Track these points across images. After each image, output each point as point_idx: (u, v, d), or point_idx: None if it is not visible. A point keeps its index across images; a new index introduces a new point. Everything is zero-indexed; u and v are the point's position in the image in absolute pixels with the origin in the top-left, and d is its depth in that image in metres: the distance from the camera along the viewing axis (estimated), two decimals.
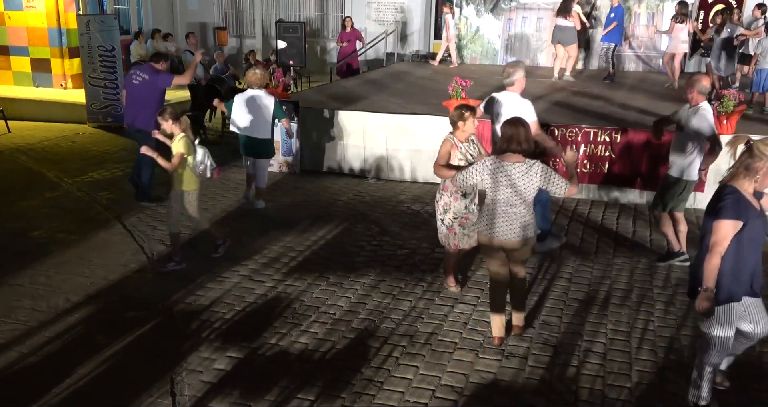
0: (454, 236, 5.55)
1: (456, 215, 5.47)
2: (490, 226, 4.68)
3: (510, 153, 4.54)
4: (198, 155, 6.06)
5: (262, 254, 6.48)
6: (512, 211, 4.59)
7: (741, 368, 4.64)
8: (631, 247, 6.87)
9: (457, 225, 5.50)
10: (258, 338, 4.92)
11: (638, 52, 14.78)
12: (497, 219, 4.63)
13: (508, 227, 4.62)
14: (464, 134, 5.38)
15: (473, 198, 5.50)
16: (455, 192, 5.40)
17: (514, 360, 4.70)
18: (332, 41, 18.52)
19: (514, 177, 4.51)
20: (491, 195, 4.61)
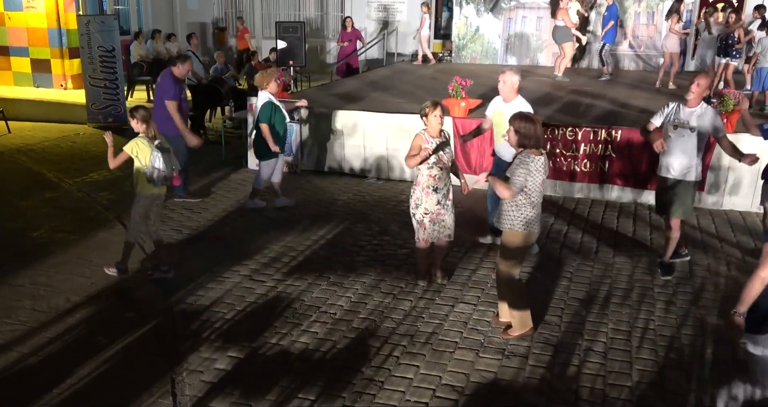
0: (423, 231, 5.64)
1: (427, 211, 5.56)
2: (537, 221, 4.80)
3: (529, 149, 4.66)
4: (153, 159, 5.56)
5: (263, 254, 6.48)
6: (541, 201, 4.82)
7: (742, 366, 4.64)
8: (631, 246, 6.87)
9: (427, 220, 5.59)
10: (258, 338, 4.92)
11: (638, 51, 14.78)
12: (538, 213, 4.80)
13: (541, 218, 4.90)
14: (432, 129, 5.48)
15: (446, 194, 5.59)
16: (426, 187, 5.50)
17: (515, 359, 4.70)
18: (332, 41, 18.53)
19: (545, 168, 4.73)
20: (539, 189, 4.69)
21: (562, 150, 8.47)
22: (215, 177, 9.15)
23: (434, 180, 5.49)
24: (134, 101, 14.30)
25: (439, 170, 5.48)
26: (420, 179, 5.53)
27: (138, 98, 14.19)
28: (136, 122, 5.62)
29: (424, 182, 5.49)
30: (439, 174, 5.49)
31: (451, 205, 5.65)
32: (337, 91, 11.25)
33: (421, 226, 5.64)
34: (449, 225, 5.70)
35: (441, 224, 5.63)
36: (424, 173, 5.49)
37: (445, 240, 5.76)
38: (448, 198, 5.61)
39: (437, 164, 5.45)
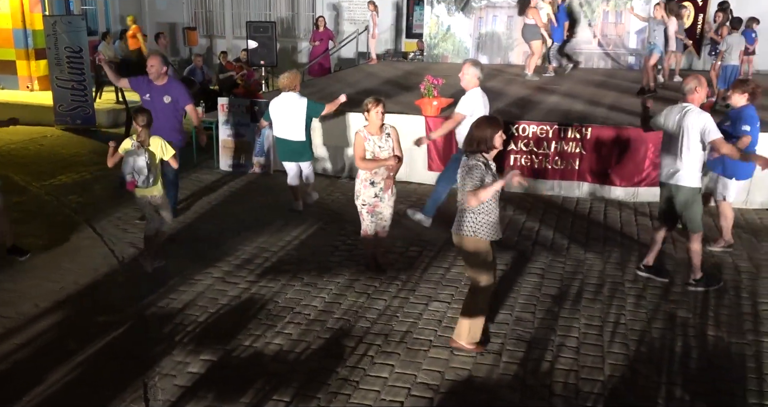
0: (363, 222, 5.91)
1: (365, 202, 5.82)
2: (496, 226, 4.65)
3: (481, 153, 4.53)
4: (129, 161, 5.65)
5: (235, 256, 6.43)
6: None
7: (711, 359, 4.73)
8: (602, 242, 6.95)
9: (365, 212, 5.83)
10: (232, 340, 4.88)
11: (607, 49, 14.95)
12: (498, 218, 4.67)
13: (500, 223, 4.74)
14: (372, 125, 5.62)
15: (385, 188, 5.78)
16: (364, 180, 5.75)
17: (489, 356, 4.73)
18: (304, 41, 18.47)
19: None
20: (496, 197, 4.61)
21: (534, 148, 8.54)
22: (186, 179, 9.06)
23: (371, 174, 5.74)
24: (103, 102, 14.11)
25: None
26: (359, 172, 5.81)
27: (107, 99, 14.00)
28: (136, 126, 5.75)
29: (363, 175, 5.78)
30: (377, 169, 5.72)
31: (389, 198, 5.85)
32: (309, 91, 11.15)
33: (360, 217, 5.93)
34: (387, 218, 5.96)
35: (379, 217, 5.91)
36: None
37: (382, 231, 6.03)
38: (385, 192, 5.82)
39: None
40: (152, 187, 5.82)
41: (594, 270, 6.23)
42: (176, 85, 7.15)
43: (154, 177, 5.76)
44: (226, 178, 9.19)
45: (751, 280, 6.03)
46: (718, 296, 5.70)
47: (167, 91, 6.91)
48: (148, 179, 5.71)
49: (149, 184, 5.75)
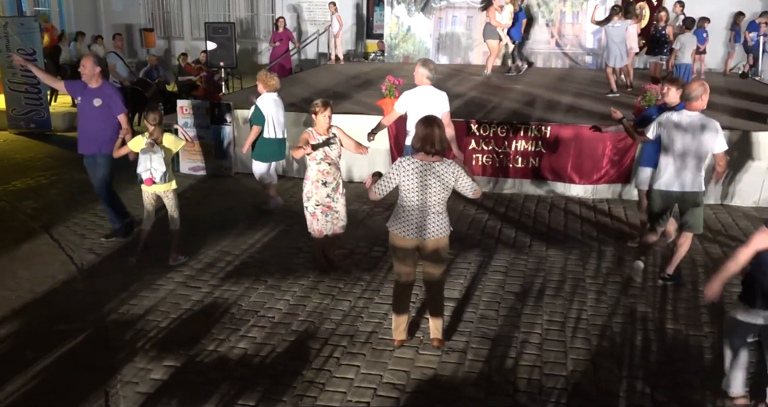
0: (317, 222, 5.93)
1: (318, 203, 5.87)
2: (410, 226, 4.53)
3: (424, 153, 4.45)
4: (144, 159, 6.02)
5: (198, 260, 6.36)
6: (437, 209, 4.53)
7: (670, 352, 4.84)
8: (563, 239, 7.05)
9: (319, 212, 5.90)
10: (195, 345, 4.82)
11: (564, 49, 15.19)
12: (421, 219, 4.52)
13: (431, 226, 4.55)
14: (320, 127, 5.77)
15: (336, 188, 5.88)
16: (316, 181, 5.81)
17: (454, 354, 4.76)
18: (264, 41, 18.36)
19: (436, 176, 4.44)
20: (412, 196, 4.48)
21: (495, 147, 8.63)
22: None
23: (323, 175, 5.81)
24: (58, 106, 13.83)
25: (327, 166, 5.80)
26: (309, 174, 5.85)
27: (62, 103, 13.71)
28: (147, 123, 6.07)
29: (314, 176, 5.81)
30: (328, 169, 5.81)
31: (341, 197, 5.97)
32: None
33: (313, 217, 5.92)
34: (342, 217, 6.03)
35: (333, 216, 5.97)
36: (313, 168, 5.81)
37: (340, 231, 6.08)
38: (338, 191, 5.93)
39: (324, 159, 5.78)
40: (169, 183, 6.14)
41: (556, 267, 6.32)
42: (110, 90, 6.74)
43: (169, 173, 6.11)
44: (187, 181, 9.07)
45: (707, 274, 6.18)
46: (676, 290, 5.84)
47: (99, 95, 6.53)
48: (165, 176, 6.05)
49: (166, 180, 6.08)
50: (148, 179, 6.04)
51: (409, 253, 4.66)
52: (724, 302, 5.60)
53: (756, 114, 9.50)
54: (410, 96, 6.65)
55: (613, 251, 6.71)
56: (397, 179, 4.49)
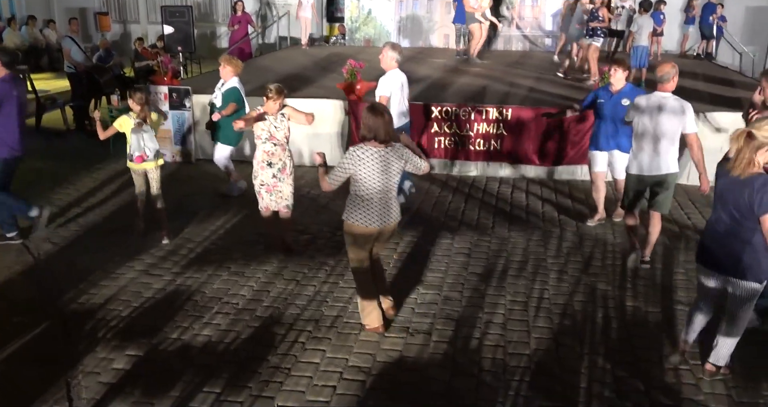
0: (262, 200, 6.05)
1: (263, 183, 5.97)
2: (372, 215, 4.53)
3: (375, 141, 4.44)
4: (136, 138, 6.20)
5: (159, 248, 6.27)
6: (391, 195, 4.57)
7: (630, 329, 4.94)
8: (525, 220, 7.13)
9: (264, 191, 6.01)
10: (158, 333, 4.76)
11: (524, 31, 15.27)
12: (382, 206, 4.54)
13: (391, 211, 4.61)
14: (269, 109, 5.83)
15: (282, 168, 5.92)
16: (261, 162, 5.89)
17: (419, 336, 4.79)
18: (222, 25, 18.06)
19: (390, 162, 4.46)
20: (370, 184, 4.45)
21: (457, 130, 8.66)
22: (103, 170, 8.75)
23: (268, 155, 5.87)
24: None
25: (273, 146, 5.86)
26: (256, 154, 5.94)
27: None
28: (133, 103, 6.14)
29: (260, 156, 5.90)
30: (273, 149, 5.87)
31: (288, 178, 6.01)
32: None
33: (259, 196, 6.04)
34: (287, 196, 6.06)
35: (278, 195, 6.02)
36: (259, 148, 5.90)
37: (285, 210, 6.11)
38: (284, 172, 5.97)
39: (270, 139, 5.85)
40: (157, 159, 6.35)
41: (518, 248, 6.39)
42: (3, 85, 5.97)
43: (158, 150, 6.34)
44: None
45: (664, 252, 6.31)
46: (635, 268, 5.95)
47: None
48: (157, 153, 6.31)
49: (156, 157, 6.32)
50: (139, 157, 6.21)
51: (370, 240, 4.68)
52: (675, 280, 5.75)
53: (712, 95, 9.70)
54: (393, 81, 6.75)
55: (574, 231, 6.82)
56: (352, 168, 4.44)
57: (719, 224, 4.03)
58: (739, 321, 4.14)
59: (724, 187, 3.96)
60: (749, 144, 3.75)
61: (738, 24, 15.75)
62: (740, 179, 3.81)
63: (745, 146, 3.76)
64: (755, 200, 3.74)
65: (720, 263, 4.07)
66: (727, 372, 4.31)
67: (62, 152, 9.73)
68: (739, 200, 3.84)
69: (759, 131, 3.73)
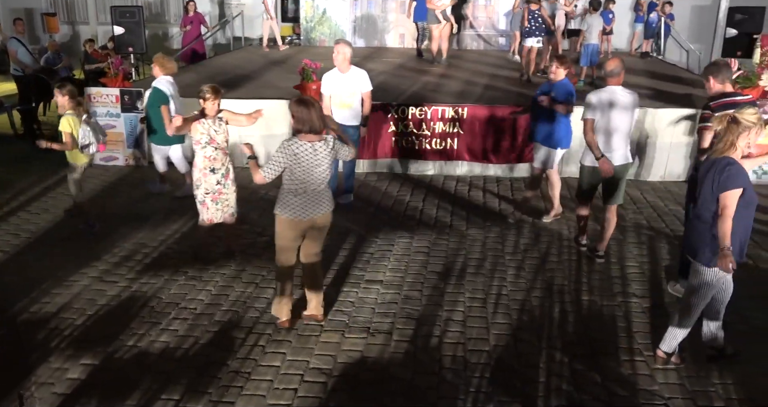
0: (207, 211, 5.79)
1: (208, 191, 5.72)
2: (303, 207, 4.56)
3: (306, 134, 4.45)
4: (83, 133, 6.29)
5: (113, 254, 6.14)
6: (322, 186, 4.61)
7: (586, 322, 5.03)
8: (483, 218, 7.20)
9: (209, 200, 5.77)
10: (114, 341, 4.67)
11: (479, 31, 15.41)
12: (314, 198, 4.58)
13: (323, 203, 4.65)
14: (208, 111, 5.63)
15: (226, 174, 5.78)
16: (203, 169, 5.65)
17: (380, 336, 4.80)
18: (174, 26, 17.78)
19: (322, 154, 4.49)
20: (302, 176, 4.47)
21: (414, 129, 8.69)
22: (54, 175, 8.53)
23: (210, 161, 5.66)
24: None
25: (214, 151, 5.66)
26: (197, 161, 5.67)
27: None
28: (64, 98, 6.13)
29: (201, 163, 5.65)
30: (214, 154, 5.66)
31: (231, 184, 5.84)
32: (183, 79, 10.80)
33: (203, 206, 5.77)
34: (232, 203, 5.91)
35: (224, 203, 5.83)
36: (199, 153, 5.65)
37: (231, 218, 5.99)
38: (227, 178, 5.80)
39: (210, 143, 5.63)
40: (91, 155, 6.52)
41: (476, 245, 6.45)
42: None
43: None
44: (98, 172, 8.72)
45: (618, 245, 6.45)
46: (590, 262, 6.07)
47: None
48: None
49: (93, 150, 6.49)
50: (103, 145, 6.47)
51: (300, 236, 4.71)
52: (628, 273, 5.88)
53: (659, 92, 9.94)
54: (331, 78, 6.90)
55: (531, 228, 6.91)
56: (285, 161, 4.43)
57: (694, 210, 4.22)
58: (688, 309, 4.26)
59: (701, 174, 4.12)
60: (732, 129, 3.93)
61: (684, 22, 16.16)
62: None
63: (729, 131, 3.95)
64: (715, 179, 3.92)
65: (685, 245, 4.30)
66: (678, 361, 4.43)
67: (10, 157, 9.46)
68: (704, 182, 4.02)
69: (742, 115, 3.90)
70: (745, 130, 3.91)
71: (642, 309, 5.23)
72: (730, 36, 11.35)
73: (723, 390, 4.20)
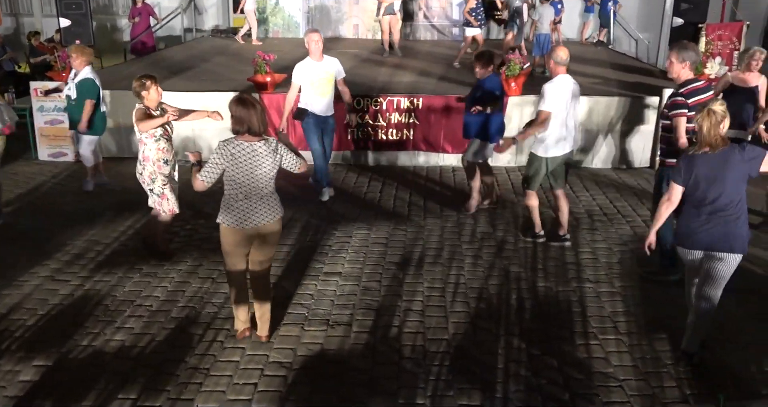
0: (167, 201, 5.71)
1: (165, 182, 5.65)
2: (245, 215, 4.29)
3: (246, 135, 4.21)
4: None
5: (65, 252, 6.00)
6: (268, 191, 4.33)
7: (543, 308, 5.12)
8: (440, 207, 7.24)
9: (168, 191, 5.69)
10: (68, 341, 4.57)
11: (432, 21, 15.45)
12: (256, 205, 4.31)
13: (267, 210, 4.35)
14: (152, 102, 5.54)
15: (174, 166, 5.77)
16: (157, 161, 5.57)
17: (339, 328, 4.80)
18: (123, 17, 17.36)
19: (262, 157, 4.22)
20: (242, 180, 4.21)
21: (369, 120, 8.68)
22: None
23: (163, 153, 5.60)
24: None
25: (166, 142, 5.61)
26: (149, 154, 5.55)
27: None
28: None
29: (154, 155, 5.55)
30: (166, 146, 5.62)
31: (176, 176, 5.84)
32: (133, 71, 10.57)
33: (163, 198, 5.69)
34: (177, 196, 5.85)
35: (176, 193, 5.80)
36: (152, 146, 5.53)
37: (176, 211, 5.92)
38: (175, 170, 5.80)
39: (164, 135, 5.58)
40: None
41: (434, 235, 6.49)
42: None
43: None
44: (47, 168, 8.51)
45: (572, 232, 6.56)
46: (545, 249, 6.17)
47: None
48: None
49: None
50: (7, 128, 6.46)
51: (245, 244, 4.41)
52: (582, 259, 6.00)
53: (612, 80, 10.13)
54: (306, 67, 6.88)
55: (487, 217, 6.98)
56: (223, 164, 4.19)
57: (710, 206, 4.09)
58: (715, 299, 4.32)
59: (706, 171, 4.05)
60: (712, 121, 3.96)
61: (633, 12, 16.46)
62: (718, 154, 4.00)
63: (712, 126, 3.96)
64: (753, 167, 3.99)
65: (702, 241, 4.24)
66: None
67: None
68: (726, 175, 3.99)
69: (715, 107, 3.98)
70: (724, 119, 3.99)
71: (596, 294, 5.34)
72: (676, 25, 11.64)
73: (674, 371, 4.32)
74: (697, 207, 4.13)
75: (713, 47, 10.31)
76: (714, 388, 4.11)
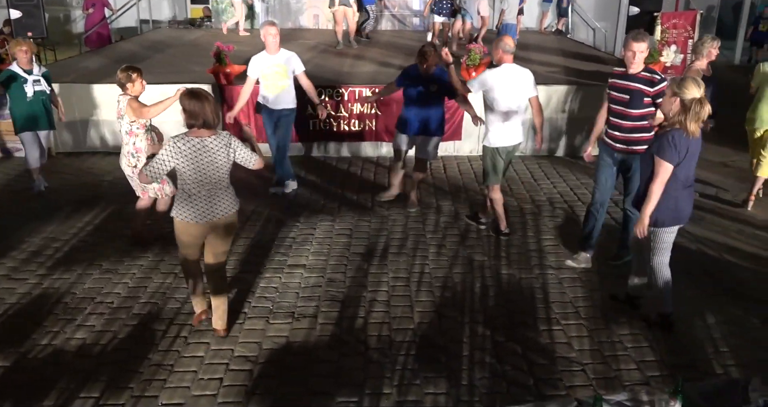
0: (169, 184, 5.78)
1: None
2: (198, 210, 4.22)
3: (197, 129, 4.12)
4: None
5: (21, 250, 5.86)
6: (222, 185, 4.27)
7: (506, 295, 5.18)
8: (403, 198, 7.25)
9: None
10: (26, 341, 4.47)
11: (393, 11, 15.43)
12: (209, 200, 4.23)
13: (220, 205, 4.29)
14: (136, 93, 5.62)
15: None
16: (146, 152, 5.62)
17: (305, 320, 4.79)
18: (77, 9, 16.96)
19: (214, 151, 4.14)
20: (195, 176, 4.13)
21: (331, 111, 8.64)
22: None
23: (149, 144, 5.69)
24: None
25: (150, 133, 5.74)
26: (140, 146, 5.63)
27: None
28: None
29: (145, 146, 5.64)
30: (152, 138, 5.74)
31: None
32: (88, 64, 10.35)
33: (163, 183, 5.75)
34: None
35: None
36: (142, 137, 5.63)
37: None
38: None
39: (153, 129, 5.77)
40: None
41: (398, 225, 6.51)
42: None
43: None
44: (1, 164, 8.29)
45: (534, 220, 6.65)
46: (509, 238, 6.23)
47: None
48: None
49: None
50: None
51: (199, 238, 4.37)
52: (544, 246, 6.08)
53: (570, 69, 10.25)
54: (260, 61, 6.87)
55: (450, 206, 7.03)
56: (172, 160, 4.07)
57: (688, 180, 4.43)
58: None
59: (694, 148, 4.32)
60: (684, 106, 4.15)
61: (590, 1, 16.67)
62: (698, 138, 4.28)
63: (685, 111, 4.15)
64: None
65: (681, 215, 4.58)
66: None
67: None
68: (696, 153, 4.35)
69: (683, 94, 4.14)
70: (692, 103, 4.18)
71: (558, 280, 5.42)
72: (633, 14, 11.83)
73: (635, 353, 4.42)
74: (684, 187, 4.40)
75: (668, 36, 10.51)
76: (672, 369, 4.22)
